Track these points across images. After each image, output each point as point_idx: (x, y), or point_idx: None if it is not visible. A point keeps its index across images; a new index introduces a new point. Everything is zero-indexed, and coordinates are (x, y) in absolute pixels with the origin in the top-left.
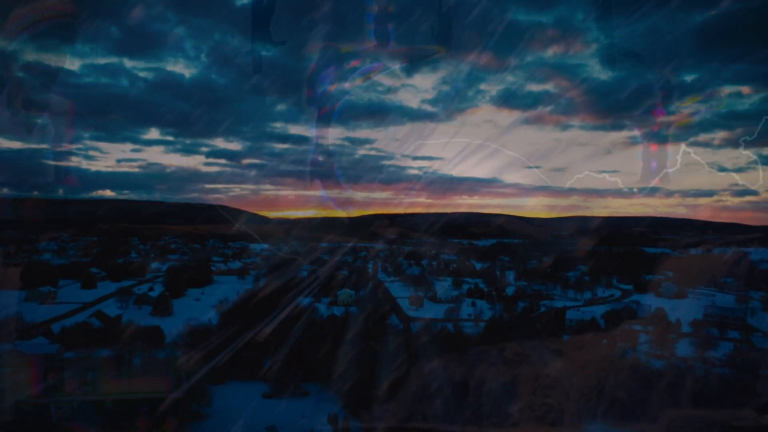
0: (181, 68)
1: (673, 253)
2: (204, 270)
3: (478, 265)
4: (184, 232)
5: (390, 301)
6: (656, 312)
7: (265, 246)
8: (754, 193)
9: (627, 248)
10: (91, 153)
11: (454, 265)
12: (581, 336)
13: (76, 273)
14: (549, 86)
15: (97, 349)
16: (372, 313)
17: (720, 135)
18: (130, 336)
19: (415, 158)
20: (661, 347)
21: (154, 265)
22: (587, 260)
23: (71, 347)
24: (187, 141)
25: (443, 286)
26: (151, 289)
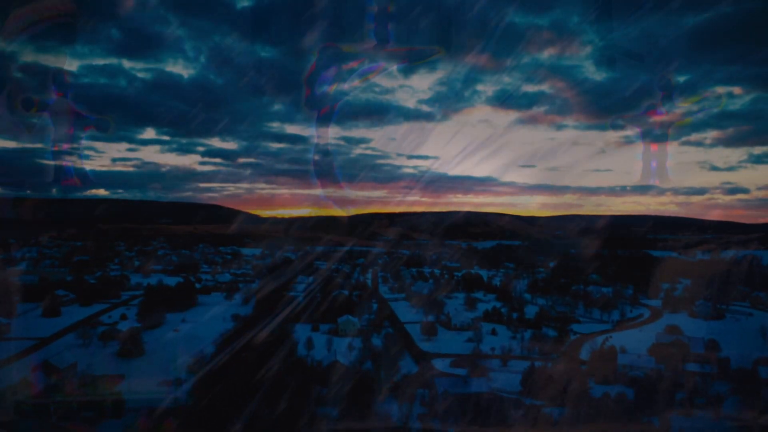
0: (179, 69)
1: (678, 256)
2: (187, 290)
3: (484, 273)
4: (176, 233)
5: (399, 333)
6: (710, 344)
7: (258, 252)
8: (745, 191)
9: (630, 250)
10: (86, 152)
11: (459, 274)
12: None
13: (41, 295)
14: (544, 87)
15: None
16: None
17: (712, 134)
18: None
19: (411, 157)
20: (753, 412)
21: (134, 279)
22: (595, 265)
23: None
24: (183, 140)
25: (455, 306)
26: (123, 317)
